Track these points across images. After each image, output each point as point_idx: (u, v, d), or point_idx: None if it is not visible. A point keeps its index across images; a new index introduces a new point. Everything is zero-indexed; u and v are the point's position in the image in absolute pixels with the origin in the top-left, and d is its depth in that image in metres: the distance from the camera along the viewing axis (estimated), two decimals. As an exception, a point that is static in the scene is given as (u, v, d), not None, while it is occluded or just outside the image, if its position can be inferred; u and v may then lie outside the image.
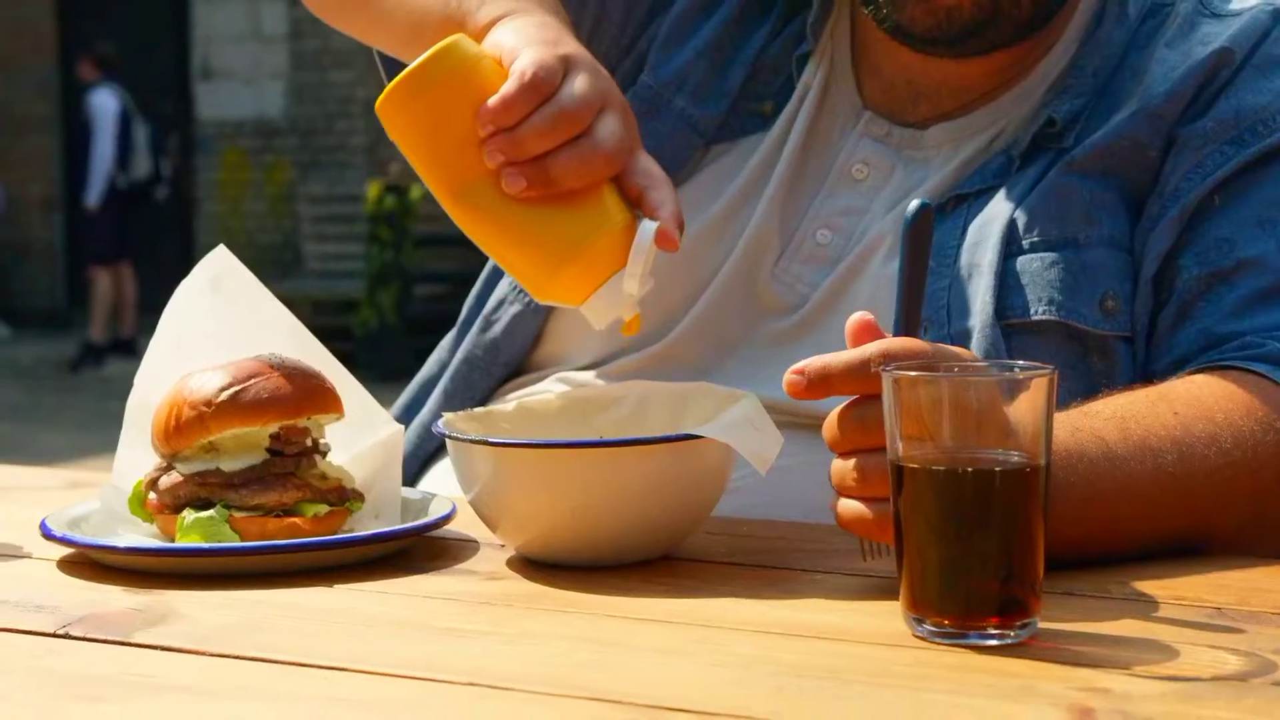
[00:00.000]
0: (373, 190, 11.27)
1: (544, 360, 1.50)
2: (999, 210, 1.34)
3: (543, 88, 1.16)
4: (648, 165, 1.20)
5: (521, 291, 1.48)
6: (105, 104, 11.37)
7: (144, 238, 12.63)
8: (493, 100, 1.16)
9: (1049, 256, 1.32)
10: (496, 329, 1.51)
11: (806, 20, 1.46)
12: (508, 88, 1.16)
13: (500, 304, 1.51)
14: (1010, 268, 1.32)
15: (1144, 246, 1.33)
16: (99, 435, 7.56)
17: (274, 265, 12.49)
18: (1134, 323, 1.33)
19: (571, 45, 1.22)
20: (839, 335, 1.16)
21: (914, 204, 1.08)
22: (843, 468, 1.07)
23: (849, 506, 1.07)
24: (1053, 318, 1.31)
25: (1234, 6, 1.39)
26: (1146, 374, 1.31)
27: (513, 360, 1.50)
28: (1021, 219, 1.33)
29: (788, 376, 1.06)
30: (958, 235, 1.35)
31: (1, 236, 13.53)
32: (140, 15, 13.89)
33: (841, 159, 1.43)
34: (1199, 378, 1.23)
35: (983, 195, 1.37)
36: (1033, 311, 1.31)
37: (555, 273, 1.19)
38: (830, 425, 1.07)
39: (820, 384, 1.05)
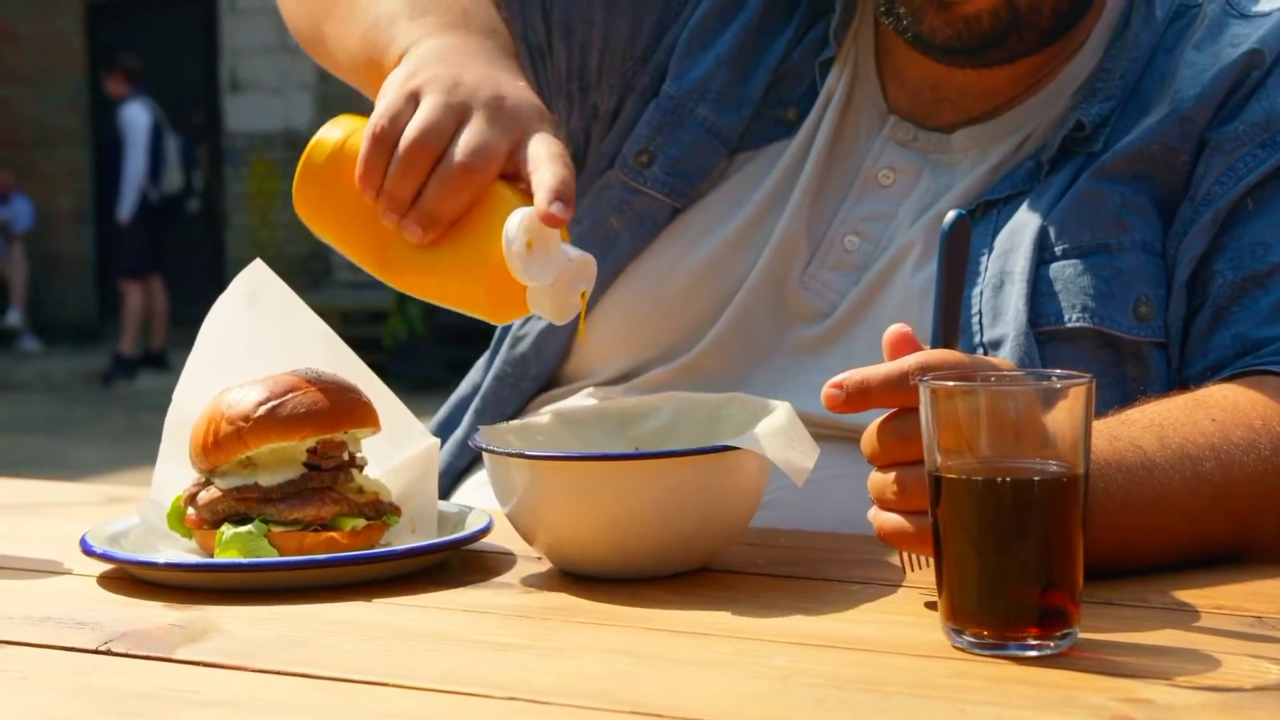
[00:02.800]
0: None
1: (573, 373, 1.50)
2: (1030, 217, 1.34)
3: (387, 136, 1.17)
4: (534, 149, 1.17)
5: None
6: (137, 117, 11.43)
7: (174, 250, 12.68)
8: (357, 169, 1.18)
9: (1081, 263, 1.31)
10: (525, 344, 1.51)
11: (829, 26, 1.46)
12: (362, 149, 1.18)
13: (528, 319, 1.52)
14: (1043, 275, 1.32)
15: (1177, 251, 1.33)
16: (132, 448, 7.60)
17: (304, 276, 12.52)
18: (1168, 328, 1.32)
19: (430, 70, 1.20)
20: (869, 343, 1.16)
21: (951, 214, 1.07)
22: (882, 481, 1.06)
23: (888, 519, 1.07)
24: (1086, 324, 1.30)
25: (1262, 7, 1.38)
26: (1182, 379, 1.31)
27: (543, 374, 1.51)
28: (1053, 226, 1.33)
29: (826, 390, 1.06)
30: (989, 242, 1.35)
31: (31, 250, 13.59)
32: (168, 28, 13.96)
33: (868, 164, 1.43)
34: (1236, 384, 1.23)
35: (1012, 201, 1.36)
36: (1066, 319, 1.31)
37: (489, 293, 1.18)
38: (869, 438, 1.07)
39: (859, 397, 1.05)
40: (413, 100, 1.19)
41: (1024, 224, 1.34)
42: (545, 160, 1.16)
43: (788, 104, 1.46)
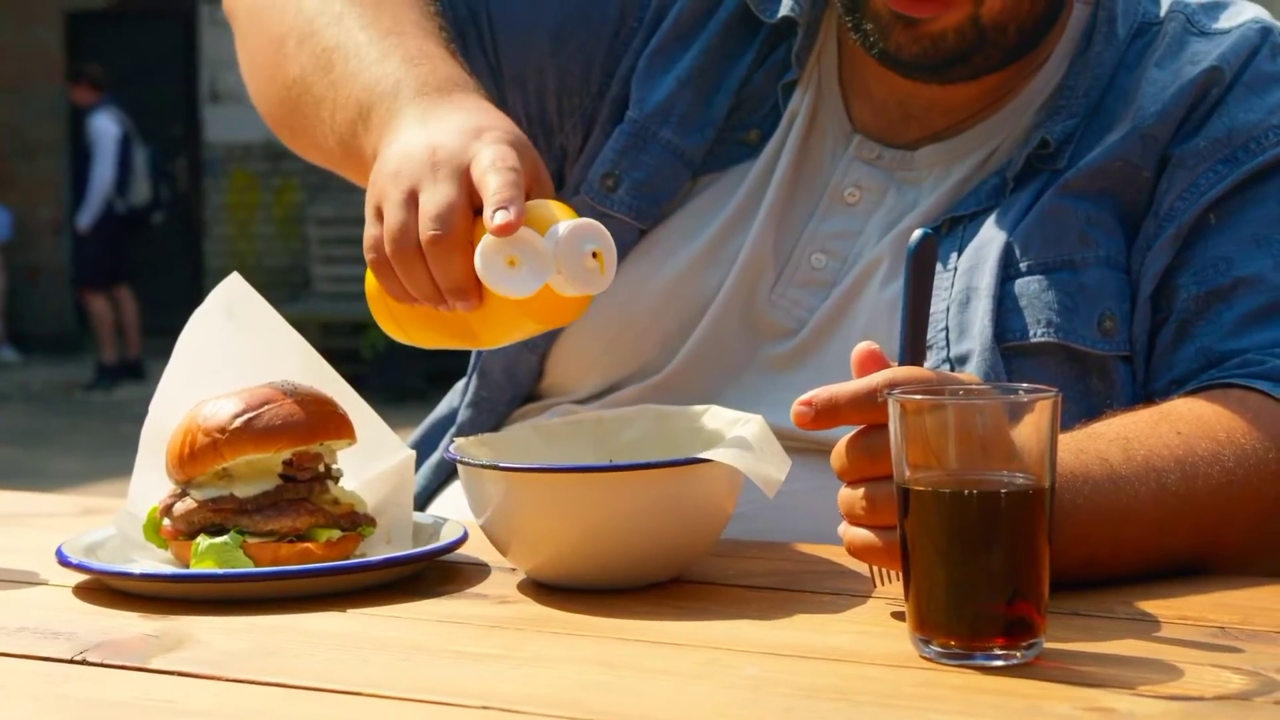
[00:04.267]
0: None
1: (547, 392, 1.51)
2: (995, 233, 1.35)
3: (380, 259, 1.22)
4: (474, 174, 1.19)
5: None
6: (107, 128, 11.37)
7: (153, 261, 12.65)
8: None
9: (1046, 279, 1.33)
10: (496, 372, 1.52)
11: (791, 48, 1.46)
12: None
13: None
14: (1008, 290, 1.33)
15: (1141, 266, 1.34)
16: (111, 459, 7.58)
17: (283, 288, 12.51)
18: (1133, 342, 1.34)
19: (382, 178, 1.24)
20: (838, 359, 1.17)
21: (917, 233, 1.09)
22: (851, 496, 1.08)
23: (858, 535, 1.08)
24: (1051, 339, 1.32)
25: (1222, 24, 1.40)
26: (1147, 393, 1.33)
27: (518, 396, 1.52)
28: (1018, 242, 1.34)
29: (795, 407, 1.07)
30: (954, 258, 1.36)
31: (10, 260, 13.56)
32: (148, 39, 13.94)
33: (833, 182, 1.44)
34: (1201, 396, 1.24)
35: (977, 217, 1.38)
36: (1031, 334, 1.32)
37: (534, 317, 1.21)
38: (838, 454, 1.08)
39: (828, 414, 1.06)
40: (379, 216, 1.23)
41: (989, 240, 1.35)
42: (481, 176, 1.17)
43: (750, 126, 1.47)
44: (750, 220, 1.44)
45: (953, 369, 1.32)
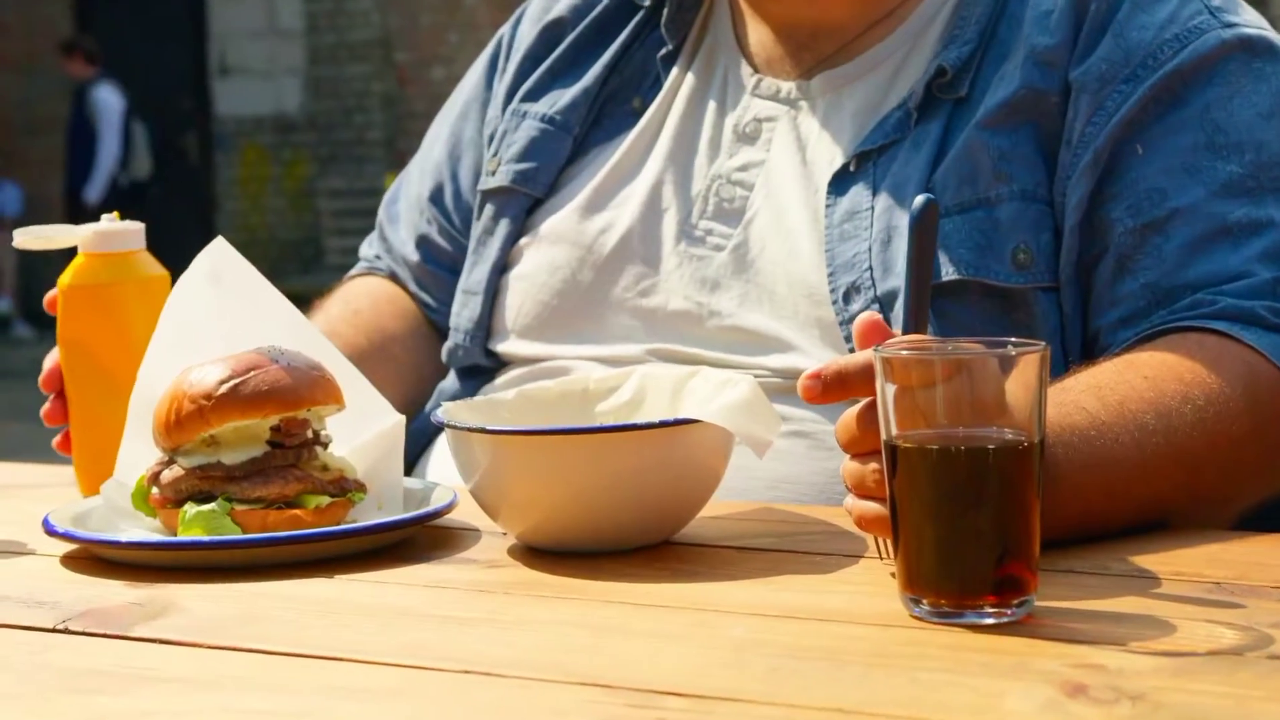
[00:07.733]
0: (391, 183, 11.28)
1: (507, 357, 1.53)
2: (910, 172, 1.36)
3: None
4: None
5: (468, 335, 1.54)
6: (110, 102, 11.32)
7: (163, 236, 12.62)
8: None
9: (961, 219, 1.34)
10: (460, 335, 1.55)
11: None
12: None
13: (454, 349, 1.55)
14: None
15: (1064, 196, 1.34)
16: (123, 433, 7.58)
17: (295, 260, 12.50)
18: (1057, 272, 1.33)
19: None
20: (765, 274, 1.34)
21: (920, 199, 1.08)
22: (860, 470, 1.05)
23: (869, 508, 1.05)
24: (965, 276, 1.32)
25: None
26: (1092, 330, 1.33)
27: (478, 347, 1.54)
28: (936, 185, 1.35)
29: (803, 381, 1.06)
30: (870, 197, 1.37)
31: (23, 237, 13.57)
32: (156, 14, 13.91)
33: (732, 121, 1.47)
34: (1159, 342, 1.24)
35: (887, 151, 1.38)
36: (944, 273, 1.32)
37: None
38: (847, 426, 1.06)
39: (837, 386, 1.05)
40: None
41: (905, 180, 1.36)
42: None
43: (634, 95, 1.52)
44: (639, 166, 1.48)
45: (881, 308, 1.31)
